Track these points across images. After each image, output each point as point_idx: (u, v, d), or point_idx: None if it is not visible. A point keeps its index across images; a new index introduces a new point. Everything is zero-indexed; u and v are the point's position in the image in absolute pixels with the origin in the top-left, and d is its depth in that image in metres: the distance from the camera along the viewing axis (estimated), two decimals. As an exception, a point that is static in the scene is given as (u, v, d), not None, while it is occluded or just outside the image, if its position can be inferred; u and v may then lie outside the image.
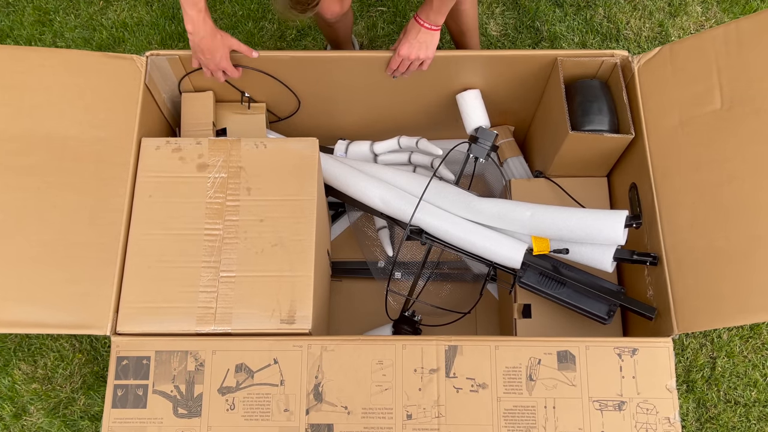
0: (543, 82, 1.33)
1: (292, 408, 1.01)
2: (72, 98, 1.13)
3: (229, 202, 1.10)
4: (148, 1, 1.85)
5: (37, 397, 1.50)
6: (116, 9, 1.84)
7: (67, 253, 1.05)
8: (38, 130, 1.10)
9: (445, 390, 1.01)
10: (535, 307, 1.23)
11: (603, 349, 1.02)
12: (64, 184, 1.08)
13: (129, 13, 1.84)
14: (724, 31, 1.08)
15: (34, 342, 1.54)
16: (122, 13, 1.84)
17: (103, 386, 1.50)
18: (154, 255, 1.07)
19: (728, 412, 1.48)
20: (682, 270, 1.03)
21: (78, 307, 1.02)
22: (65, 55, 1.18)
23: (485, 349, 1.02)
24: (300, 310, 1.04)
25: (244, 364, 1.02)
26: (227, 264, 1.06)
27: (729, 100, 1.05)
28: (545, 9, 1.83)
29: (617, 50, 1.23)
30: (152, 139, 1.14)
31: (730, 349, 1.52)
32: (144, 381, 1.02)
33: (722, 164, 1.02)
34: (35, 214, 1.06)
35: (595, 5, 1.83)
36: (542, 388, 1.01)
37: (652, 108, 1.15)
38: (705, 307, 0.98)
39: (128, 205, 1.09)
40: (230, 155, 1.13)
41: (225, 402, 1.01)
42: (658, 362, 1.01)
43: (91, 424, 1.48)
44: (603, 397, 1.00)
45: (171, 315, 1.04)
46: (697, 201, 1.04)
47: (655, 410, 1.00)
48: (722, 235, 0.99)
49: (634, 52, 1.79)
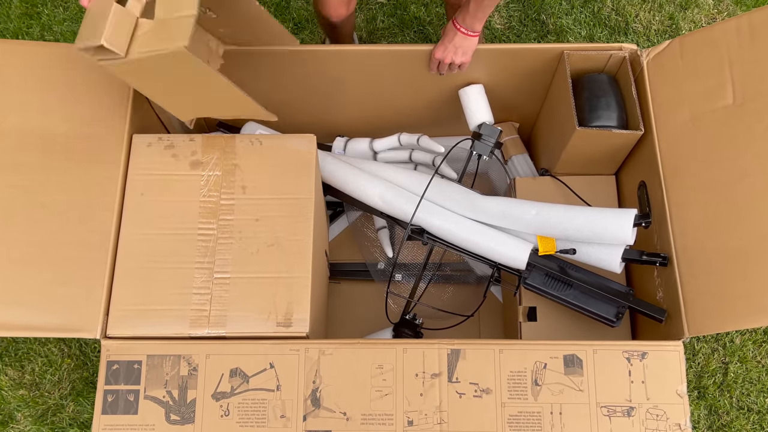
0: (549, 76, 1.33)
1: (289, 414, 1.01)
2: (61, 93, 1.13)
3: (223, 200, 1.10)
4: (140, -7, 1.86)
5: (24, 404, 1.50)
6: (106, 1, 1.85)
7: (55, 253, 1.05)
8: (26, 127, 1.10)
9: (447, 395, 1.01)
10: (541, 309, 1.23)
11: (611, 352, 1.02)
12: (53, 182, 1.08)
13: (120, 6, 1.84)
14: (736, 24, 1.08)
15: (21, 346, 1.54)
16: (113, 5, 1.84)
17: (93, 392, 1.50)
18: (145, 255, 1.07)
19: (741, 419, 1.48)
20: (693, 271, 1.03)
21: (67, 309, 1.02)
22: (54, 49, 1.18)
23: (489, 353, 1.02)
24: (297, 313, 1.04)
25: (239, 368, 1.02)
26: (222, 265, 1.07)
27: (741, 95, 1.05)
28: (551, 1, 1.83)
29: (626, 44, 1.23)
30: (144, 136, 1.14)
31: (743, 354, 1.52)
32: (135, 386, 1.02)
33: (734, 161, 1.03)
34: (23, 213, 1.06)
35: (603, -3, 1.84)
36: (548, 393, 1.01)
37: (661, 103, 1.15)
38: (717, 309, 0.99)
39: (119, 204, 1.09)
40: (225, 152, 1.13)
41: (219, 408, 1.01)
42: (669, 366, 1.01)
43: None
44: (611, 402, 1.00)
45: (163, 318, 1.04)
46: (708, 199, 1.04)
47: (665, 416, 1.00)
48: (735, 235, 0.99)
49: (644, 45, 1.79)
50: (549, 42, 1.80)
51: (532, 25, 1.81)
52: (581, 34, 1.80)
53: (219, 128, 1.47)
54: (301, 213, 1.09)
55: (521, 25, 1.82)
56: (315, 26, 1.82)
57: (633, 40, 1.80)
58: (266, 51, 1.25)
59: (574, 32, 1.80)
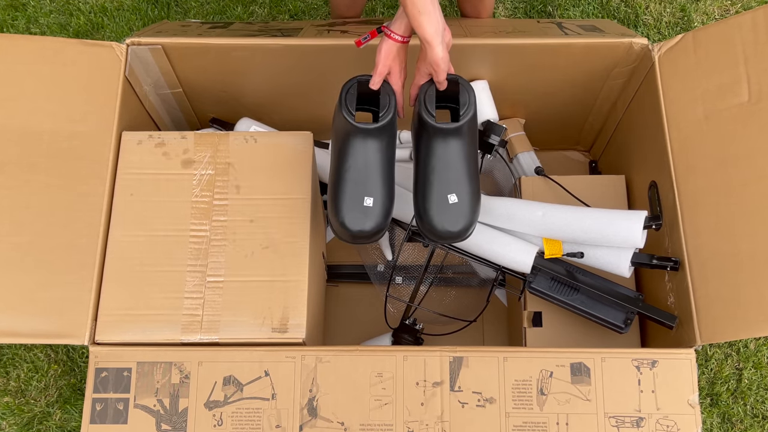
0: (555, 71, 1.33)
1: (284, 424, 1.01)
2: (47, 89, 1.13)
3: (216, 201, 1.10)
4: (130, -17, 1.85)
5: (9, 412, 1.50)
6: (95, -8, 1.84)
7: (41, 256, 1.04)
8: (10, 124, 1.10)
9: (449, 405, 1.01)
10: (547, 315, 1.23)
11: (620, 361, 1.02)
12: (38, 182, 1.08)
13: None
14: (751, 17, 1.08)
15: (5, 352, 1.54)
16: (101, -4, 1.84)
17: (81, 399, 1.50)
18: (135, 258, 1.07)
19: (755, 427, 1.49)
20: (706, 276, 1.02)
21: (53, 314, 1.02)
22: (40, 43, 1.18)
23: (493, 361, 1.02)
24: (293, 318, 1.03)
25: (232, 376, 1.02)
26: (214, 268, 1.06)
27: (757, 92, 1.05)
28: (558, -8, 1.83)
29: (636, 38, 1.23)
30: (134, 133, 1.14)
31: (758, 360, 1.52)
32: (125, 394, 1.01)
33: (750, 161, 1.02)
34: (7, 214, 1.06)
35: (612, -12, 1.83)
36: (554, 403, 1.01)
37: (673, 100, 1.14)
38: (730, 315, 0.98)
39: (107, 205, 1.09)
40: (218, 150, 1.13)
41: (212, 417, 1.01)
42: (680, 375, 1.01)
43: (67, 441, 1.48)
44: (620, 413, 1.00)
45: (154, 323, 1.04)
46: (722, 201, 1.03)
47: (676, 427, 1.00)
48: (750, 239, 0.99)
49: (654, 39, 1.79)
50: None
51: (537, 17, 1.81)
52: (589, 26, 1.80)
53: (212, 124, 1.46)
54: (297, 214, 1.09)
55: (527, 16, 1.82)
56: (312, 17, 1.82)
57: (644, 34, 1.79)
58: (260, 45, 1.24)
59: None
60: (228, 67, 1.28)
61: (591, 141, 1.59)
